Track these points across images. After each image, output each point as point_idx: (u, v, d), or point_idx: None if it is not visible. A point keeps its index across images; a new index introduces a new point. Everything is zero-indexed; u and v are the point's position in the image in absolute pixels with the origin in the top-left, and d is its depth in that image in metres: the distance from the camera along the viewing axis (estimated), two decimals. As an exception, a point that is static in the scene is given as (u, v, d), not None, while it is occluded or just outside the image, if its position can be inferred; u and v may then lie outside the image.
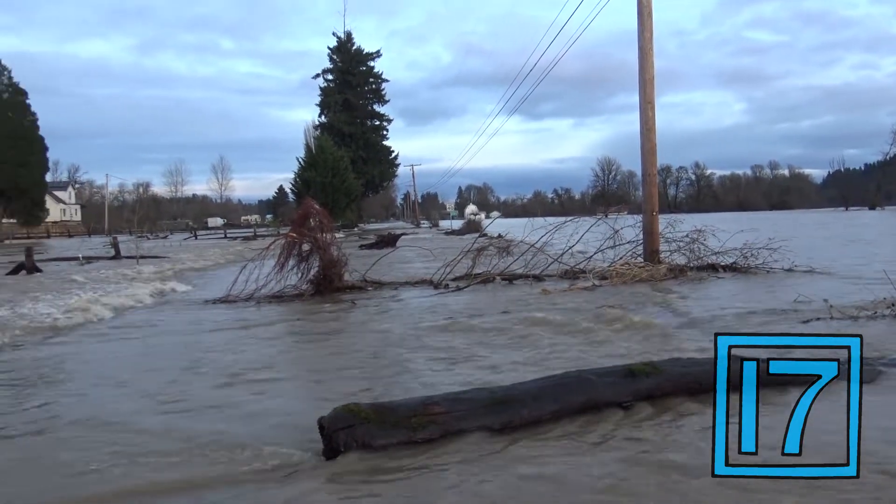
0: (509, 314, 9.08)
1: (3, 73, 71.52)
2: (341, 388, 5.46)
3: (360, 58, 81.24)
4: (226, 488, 3.48)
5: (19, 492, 3.54)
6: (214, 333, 8.73)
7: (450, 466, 3.59)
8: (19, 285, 16.96)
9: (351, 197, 70.27)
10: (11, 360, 7.42)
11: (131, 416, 4.89)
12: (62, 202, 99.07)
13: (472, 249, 14.38)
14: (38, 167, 73.17)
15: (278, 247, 12.88)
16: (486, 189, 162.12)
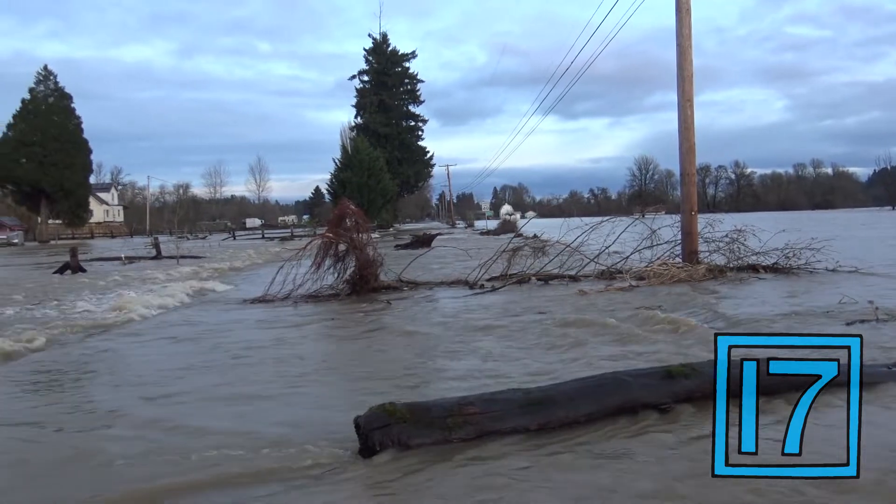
0: (545, 315, 9.03)
1: (50, 77, 73.37)
2: (376, 388, 5.48)
3: (395, 59, 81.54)
4: (263, 486, 3.52)
5: (60, 486, 3.62)
6: (252, 333, 8.84)
7: (486, 468, 3.58)
8: (65, 284, 17.41)
9: (386, 197, 70.61)
10: (56, 356, 7.62)
11: (171, 413, 4.97)
12: (105, 203, 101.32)
13: (508, 250, 14.33)
14: (82, 169, 74.88)
15: (315, 247, 12.98)
16: (522, 189, 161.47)
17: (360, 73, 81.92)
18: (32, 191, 70.81)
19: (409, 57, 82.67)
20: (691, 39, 13.80)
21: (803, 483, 3.01)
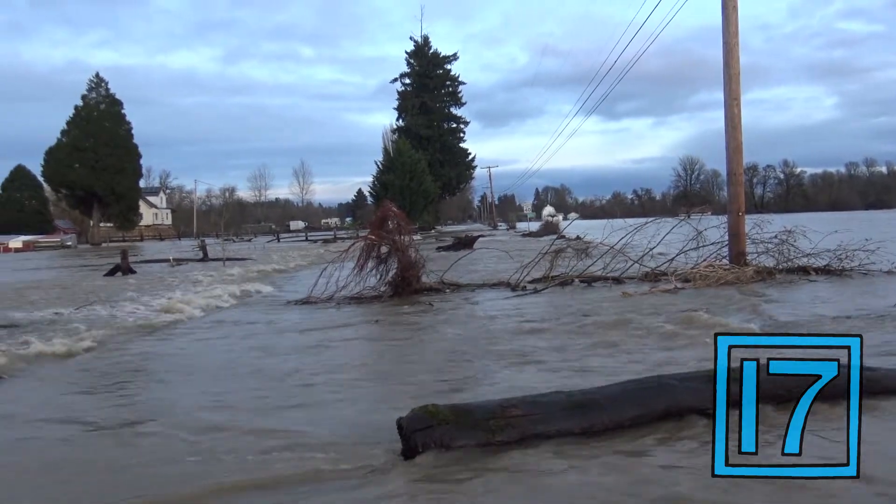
0: (588, 317, 8.94)
1: (101, 85, 75.47)
2: (419, 389, 5.50)
3: (436, 61, 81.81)
4: (307, 486, 3.55)
5: (108, 485, 3.71)
6: (296, 334, 8.95)
7: (530, 471, 3.55)
8: (116, 286, 17.87)
9: (428, 199, 70.86)
10: (107, 356, 7.82)
11: (216, 412, 5.06)
12: (154, 207, 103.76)
13: (550, 251, 14.24)
14: (132, 174, 76.84)
15: (357, 249, 13.09)
16: (564, 190, 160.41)
17: (402, 76, 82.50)
18: (85, 195, 72.95)
19: (450, 59, 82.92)
20: (738, 37, 13.54)
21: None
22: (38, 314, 11.61)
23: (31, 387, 6.44)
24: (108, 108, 74.81)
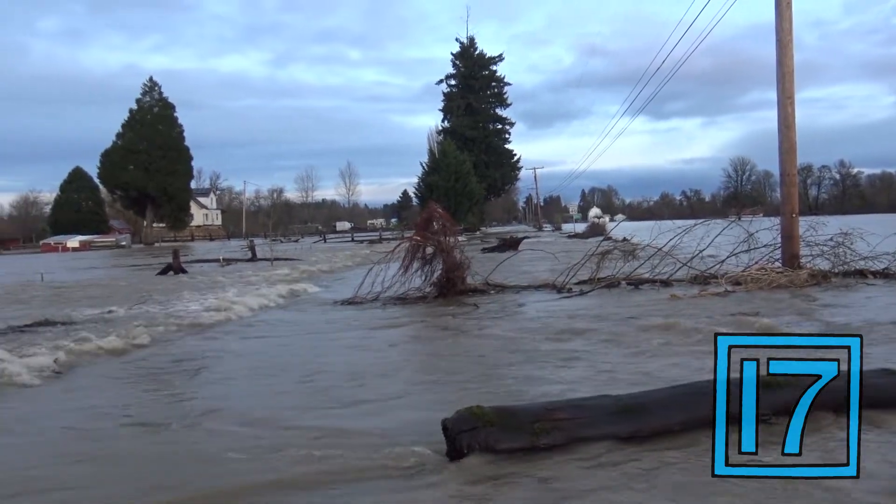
0: (635, 320, 8.81)
1: (155, 88, 77.57)
2: (463, 390, 5.49)
3: (482, 62, 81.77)
4: (352, 485, 3.57)
5: (162, 480, 3.79)
6: (343, 333, 9.04)
7: (574, 475, 3.51)
8: (167, 285, 18.31)
9: (473, 200, 70.85)
10: (160, 354, 8.02)
11: (265, 410, 5.14)
12: (205, 207, 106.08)
13: (596, 253, 14.07)
14: (184, 175, 78.78)
15: (403, 250, 13.15)
16: (611, 191, 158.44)
17: (448, 78, 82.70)
18: (139, 196, 75.03)
19: (495, 60, 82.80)
20: (792, 34, 13.20)
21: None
22: (94, 312, 11.97)
23: (87, 382, 6.64)
24: (161, 111, 76.84)
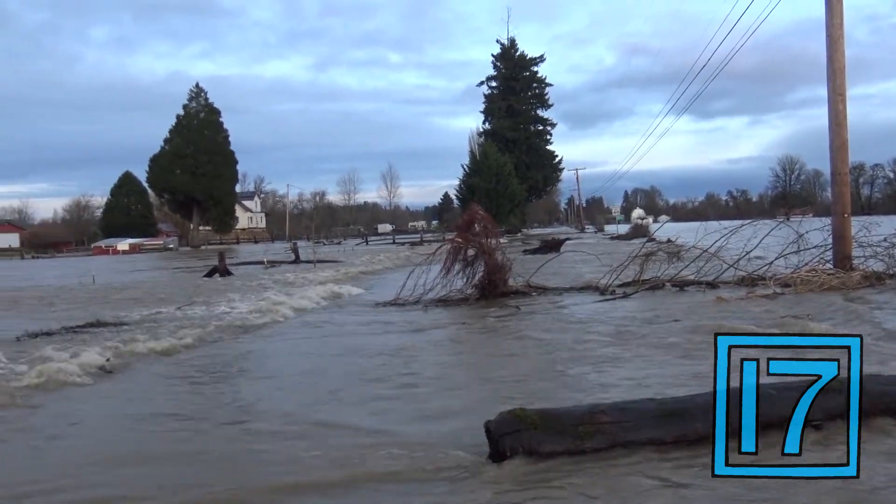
0: (680, 322, 8.67)
1: (201, 94, 79.14)
2: (505, 393, 5.47)
3: (523, 63, 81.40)
4: (394, 485, 3.59)
5: (206, 477, 3.86)
6: (385, 335, 9.08)
7: (618, 479, 3.47)
8: (214, 287, 18.65)
9: (514, 202, 70.57)
10: (206, 355, 8.17)
11: (308, 411, 5.20)
12: (249, 210, 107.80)
13: (640, 254, 13.90)
14: (229, 179, 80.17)
15: (444, 252, 13.17)
16: (654, 192, 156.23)
17: (488, 79, 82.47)
18: (186, 199, 76.59)
19: (536, 61, 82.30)
20: (843, 29, 12.84)
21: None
22: (143, 313, 12.25)
23: (136, 382, 6.80)
24: (207, 116, 78.35)
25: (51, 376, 6.58)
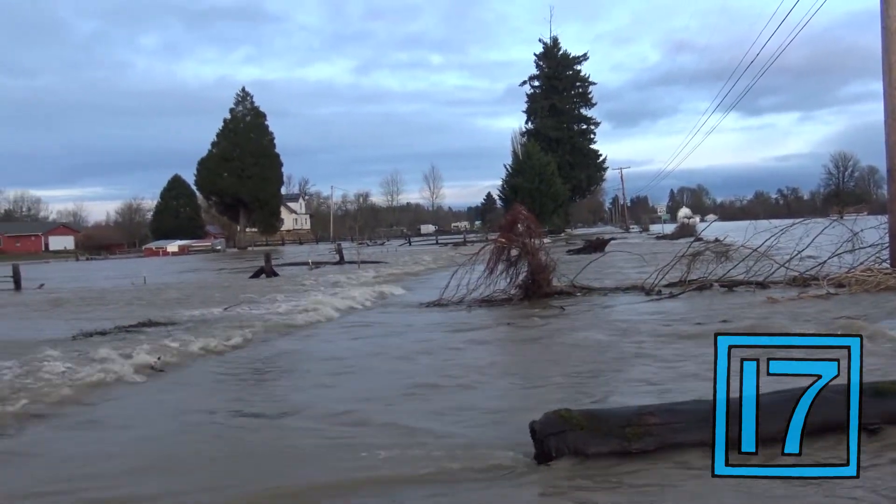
0: (729, 323, 8.50)
1: (247, 99, 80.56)
2: (550, 394, 5.43)
3: (566, 62, 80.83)
4: (438, 487, 3.58)
5: (253, 475, 3.91)
6: (428, 336, 9.10)
7: (666, 483, 3.40)
8: (260, 287, 18.94)
9: (558, 202, 70.10)
10: (253, 354, 8.30)
11: (353, 409, 5.22)
12: (294, 212, 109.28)
13: (687, 254, 13.66)
14: (275, 181, 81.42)
15: (487, 252, 13.14)
16: (701, 191, 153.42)
17: (531, 79, 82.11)
18: (232, 201, 78.02)
19: (580, 60, 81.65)
20: (899, 20, 12.42)
21: None
22: (192, 313, 12.50)
23: (186, 380, 6.94)
24: (253, 120, 79.72)
25: (105, 375, 6.76)
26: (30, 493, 3.77)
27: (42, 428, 5.25)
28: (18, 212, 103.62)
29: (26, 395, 5.96)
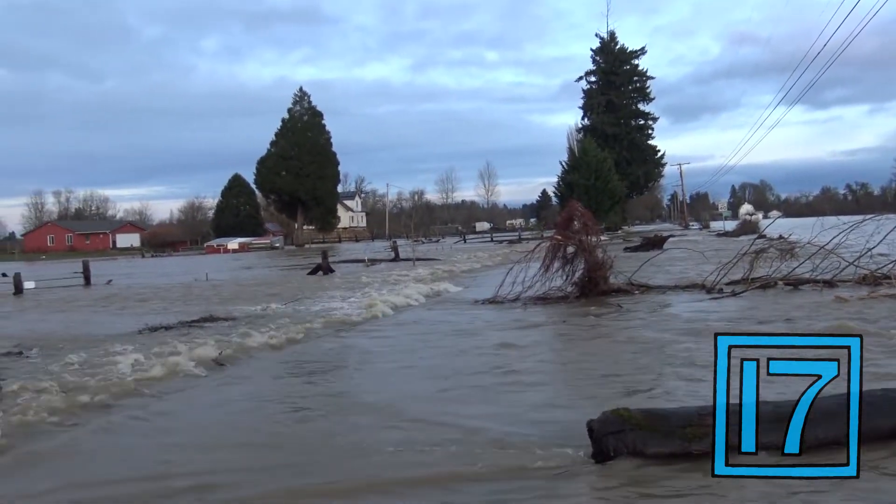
0: (794, 323, 8.24)
1: (304, 98, 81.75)
2: (605, 392, 5.37)
3: (623, 57, 79.56)
4: (494, 483, 3.57)
5: (309, 467, 3.98)
6: (485, 332, 9.08)
7: (732, 486, 3.31)
8: (317, 284, 19.23)
9: (615, 199, 69.08)
10: (312, 349, 8.43)
11: (410, 406, 5.26)
12: (350, 210, 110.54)
13: (750, 251, 13.28)
14: (331, 179, 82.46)
15: (543, 249, 13.04)
16: (764, 187, 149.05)
17: (587, 74, 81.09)
18: (290, 199, 79.34)
19: (637, 54, 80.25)
20: (979, 6, 11.82)
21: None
22: (252, 308, 12.78)
23: (247, 374, 7.09)
24: (311, 119, 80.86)
25: (170, 368, 6.97)
26: (108, 479, 3.93)
27: (115, 417, 5.45)
28: (88, 210, 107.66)
29: (97, 386, 6.19)
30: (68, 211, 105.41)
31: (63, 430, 5.10)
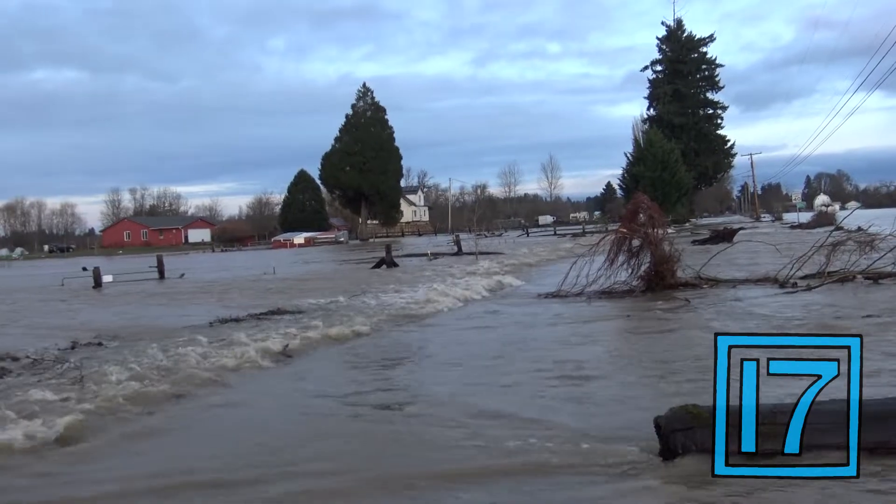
0: (875, 318, 7.89)
1: (368, 94, 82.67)
2: (672, 388, 5.27)
3: (691, 45, 77.52)
4: (560, 479, 3.55)
5: (373, 459, 4.03)
6: (550, 327, 9.03)
7: (805, 488, 3.19)
8: (381, 278, 19.45)
9: (682, 191, 67.44)
10: (376, 342, 8.54)
11: (476, 399, 5.27)
12: (413, 204, 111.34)
13: (826, 244, 12.77)
14: (394, 174, 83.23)
15: (608, 243, 12.84)
16: (841, 177, 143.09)
17: (653, 64, 79.34)
18: (354, 194, 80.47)
19: (706, 41, 78.07)
20: None
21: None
22: (318, 301, 13.01)
23: (313, 366, 7.23)
24: (374, 115, 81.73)
25: (239, 359, 7.17)
26: (186, 467, 4.07)
27: (189, 406, 5.65)
28: (161, 207, 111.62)
29: (170, 377, 6.42)
30: (143, 207, 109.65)
31: (142, 417, 5.32)
